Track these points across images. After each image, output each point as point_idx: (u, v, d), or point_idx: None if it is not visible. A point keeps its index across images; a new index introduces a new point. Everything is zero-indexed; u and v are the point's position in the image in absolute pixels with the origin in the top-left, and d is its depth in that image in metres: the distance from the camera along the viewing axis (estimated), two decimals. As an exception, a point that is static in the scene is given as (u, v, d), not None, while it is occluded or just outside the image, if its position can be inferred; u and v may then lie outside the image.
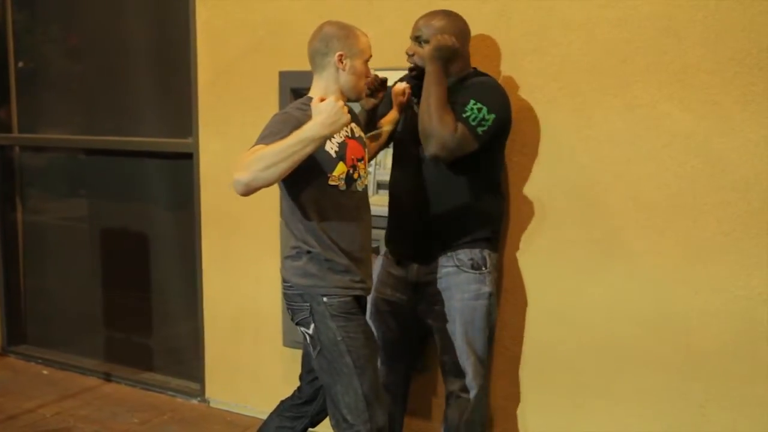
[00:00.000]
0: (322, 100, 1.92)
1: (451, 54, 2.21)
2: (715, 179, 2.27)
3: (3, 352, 4.14)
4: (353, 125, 2.18)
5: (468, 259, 2.32)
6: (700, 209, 2.31)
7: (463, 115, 2.17)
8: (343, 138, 2.09)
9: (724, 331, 2.31)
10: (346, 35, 2.07)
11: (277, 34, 3.04)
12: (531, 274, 2.60)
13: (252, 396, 3.33)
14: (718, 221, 2.28)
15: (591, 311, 2.51)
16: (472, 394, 2.37)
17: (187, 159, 3.40)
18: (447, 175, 2.28)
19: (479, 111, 2.17)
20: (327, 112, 1.88)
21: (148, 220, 3.76)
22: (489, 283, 2.35)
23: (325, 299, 2.07)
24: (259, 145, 1.92)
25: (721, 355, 2.32)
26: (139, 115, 3.66)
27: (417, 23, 2.29)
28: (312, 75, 2.13)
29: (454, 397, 2.40)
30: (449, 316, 2.34)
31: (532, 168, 2.54)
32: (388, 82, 2.36)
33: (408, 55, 2.30)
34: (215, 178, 3.30)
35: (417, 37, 2.27)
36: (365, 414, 2.07)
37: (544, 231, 2.55)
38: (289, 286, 2.13)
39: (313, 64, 2.11)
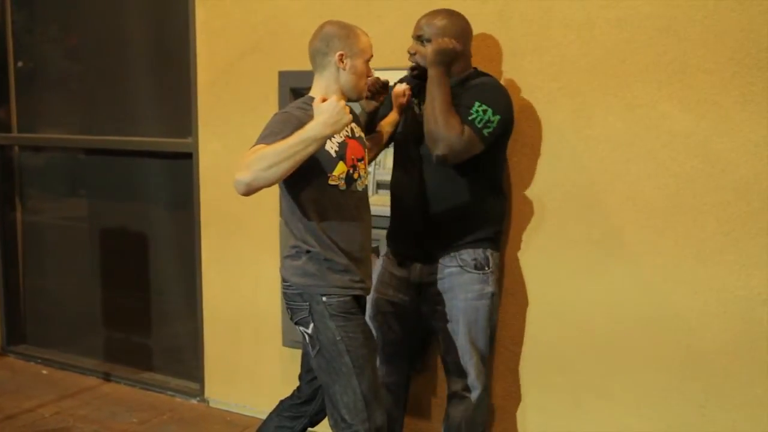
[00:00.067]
0: (324, 100, 1.91)
1: (453, 56, 2.21)
2: (715, 179, 2.27)
3: (2, 351, 4.14)
4: (353, 125, 2.18)
5: (471, 260, 2.32)
6: (699, 209, 2.31)
7: (469, 117, 2.16)
8: (343, 138, 2.09)
9: (723, 331, 2.31)
10: (347, 35, 2.06)
11: (276, 34, 3.04)
12: (531, 273, 2.60)
13: (251, 396, 3.33)
14: (718, 221, 2.28)
15: (591, 311, 2.51)
16: (475, 394, 2.37)
17: (187, 159, 3.40)
18: (449, 175, 2.28)
19: (484, 113, 2.17)
20: (329, 111, 1.88)
21: (147, 220, 3.76)
22: (492, 283, 2.35)
23: (324, 299, 2.07)
24: (260, 145, 1.91)
25: (721, 355, 2.32)
26: (139, 115, 3.66)
27: (419, 22, 2.28)
28: (312, 75, 2.13)
29: (457, 396, 2.40)
30: (452, 317, 2.34)
31: (533, 168, 2.54)
32: (389, 84, 2.35)
33: (410, 54, 2.29)
34: (215, 178, 3.30)
35: (419, 36, 2.27)
36: (363, 414, 2.07)
37: (543, 231, 2.55)
38: (289, 286, 2.13)
39: (313, 64, 2.11)
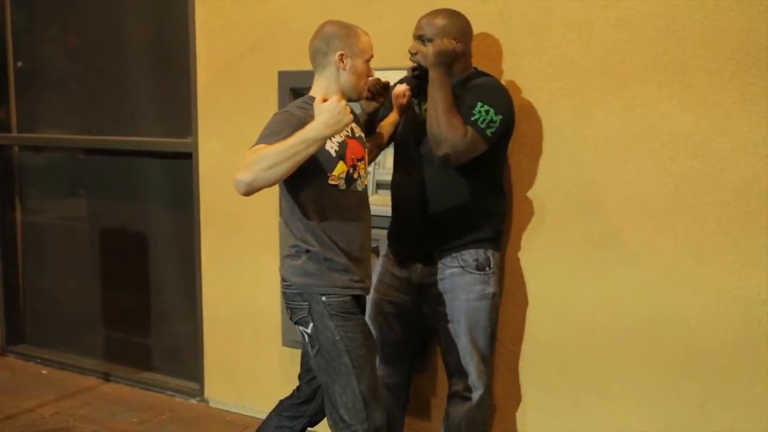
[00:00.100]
0: (324, 101, 1.91)
1: (453, 57, 2.21)
2: (714, 179, 2.27)
3: (2, 351, 4.14)
4: (354, 125, 2.17)
5: (473, 260, 2.32)
6: (699, 209, 2.31)
7: (472, 118, 2.17)
8: (343, 137, 2.09)
9: (723, 331, 2.31)
10: (347, 34, 2.06)
11: (276, 34, 3.03)
12: (531, 273, 2.60)
13: (251, 396, 3.33)
14: (717, 221, 2.28)
15: (591, 311, 2.51)
16: (477, 394, 2.37)
17: (187, 159, 3.40)
18: (450, 175, 2.27)
19: (487, 113, 2.17)
20: (330, 112, 1.87)
21: (147, 220, 3.76)
22: (493, 284, 2.35)
23: (323, 298, 2.07)
24: (260, 145, 1.91)
25: (721, 355, 2.32)
26: (139, 115, 3.66)
27: (420, 22, 2.28)
28: (312, 75, 2.13)
29: (458, 396, 2.40)
30: (453, 317, 2.34)
31: (533, 168, 2.54)
32: (389, 85, 2.35)
33: (411, 54, 2.29)
34: (214, 177, 3.30)
35: (420, 36, 2.27)
36: (362, 413, 2.06)
37: (543, 231, 2.55)
38: (288, 285, 2.13)
39: (314, 64, 2.11)
